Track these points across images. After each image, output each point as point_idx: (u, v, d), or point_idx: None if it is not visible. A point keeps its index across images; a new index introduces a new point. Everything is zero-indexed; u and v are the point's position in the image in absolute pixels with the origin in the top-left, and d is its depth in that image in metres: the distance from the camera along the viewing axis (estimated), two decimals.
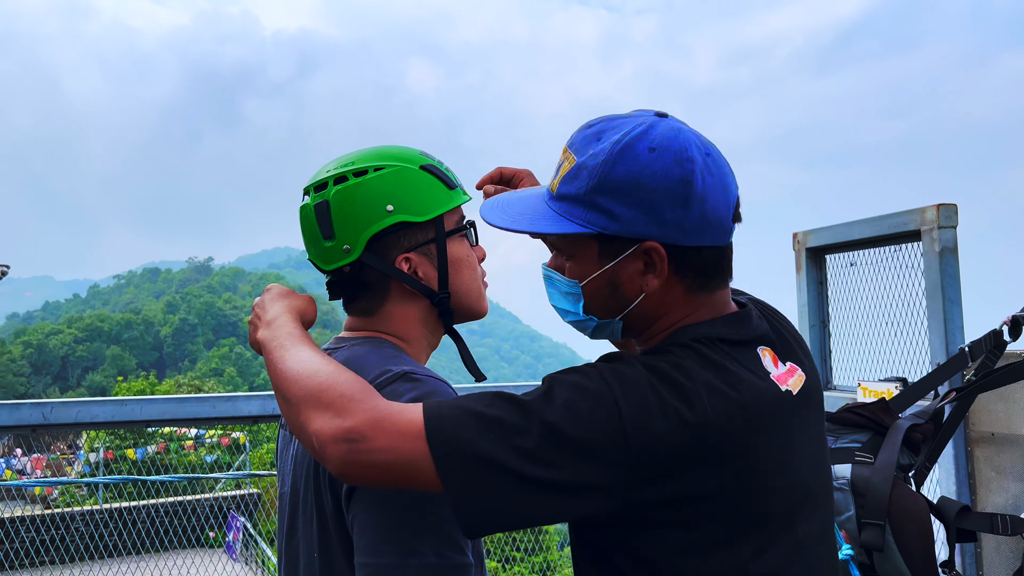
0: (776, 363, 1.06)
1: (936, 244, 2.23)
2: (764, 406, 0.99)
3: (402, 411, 0.95)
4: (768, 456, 0.98)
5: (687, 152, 1.00)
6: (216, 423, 2.22)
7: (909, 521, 1.66)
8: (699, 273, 1.04)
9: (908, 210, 2.33)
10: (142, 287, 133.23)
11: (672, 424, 0.93)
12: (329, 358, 1.07)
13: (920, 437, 1.77)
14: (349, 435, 0.94)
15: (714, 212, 1.01)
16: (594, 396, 0.94)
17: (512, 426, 0.92)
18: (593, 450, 0.92)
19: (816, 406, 1.11)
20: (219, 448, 14.15)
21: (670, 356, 1.00)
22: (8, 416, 1.96)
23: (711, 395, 0.95)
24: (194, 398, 2.16)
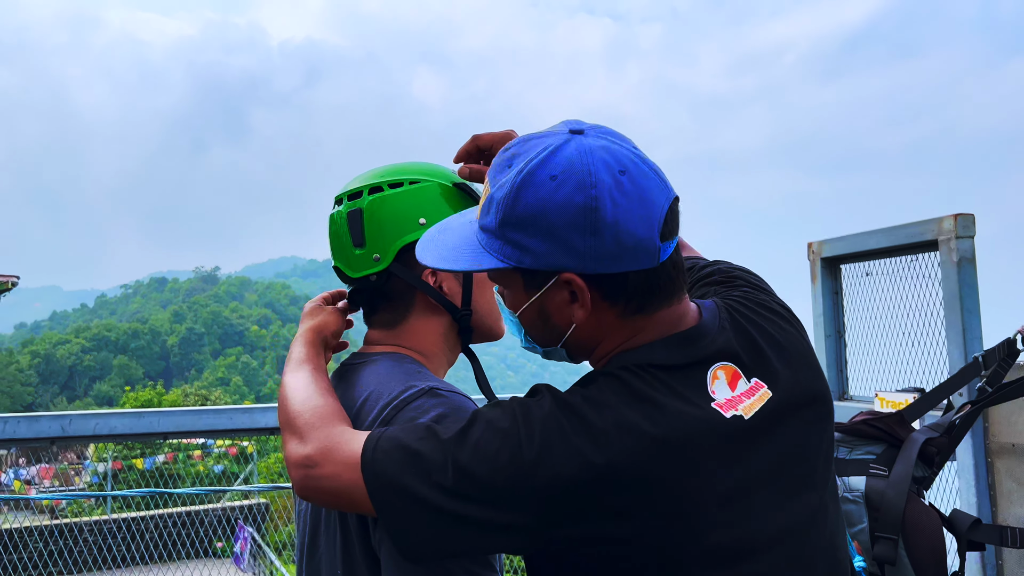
0: (733, 383, 0.98)
1: (954, 254, 2.23)
2: (692, 439, 0.92)
3: (349, 440, 1.00)
4: (702, 500, 0.91)
5: (592, 176, 0.93)
6: (233, 435, 2.22)
7: (923, 536, 1.64)
8: (630, 298, 0.98)
9: (925, 220, 2.33)
10: (149, 297, 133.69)
11: (575, 465, 0.89)
12: (319, 382, 1.13)
13: (935, 451, 1.76)
14: (305, 461, 1.01)
15: (631, 236, 0.94)
16: (502, 436, 0.93)
17: (432, 463, 0.93)
18: (499, 491, 0.91)
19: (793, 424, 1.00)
20: (227, 458, 14.15)
21: (591, 387, 0.96)
22: (27, 428, 1.96)
23: (621, 433, 0.91)
24: (211, 410, 2.17)
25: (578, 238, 0.94)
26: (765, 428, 0.97)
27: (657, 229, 0.95)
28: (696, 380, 0.97)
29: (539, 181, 0.95)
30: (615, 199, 0.93)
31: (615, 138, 0.99)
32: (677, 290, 1.01)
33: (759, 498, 0.95)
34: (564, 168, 0.95)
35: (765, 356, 1.03)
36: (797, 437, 1.01)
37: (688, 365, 0.98)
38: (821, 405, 1.05)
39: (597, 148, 0.96)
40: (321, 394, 1.11)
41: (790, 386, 1.02)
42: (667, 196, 0.97)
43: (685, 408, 0.94)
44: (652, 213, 0.95)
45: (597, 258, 0.94)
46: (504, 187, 0.97)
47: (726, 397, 0.96)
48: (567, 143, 0.97)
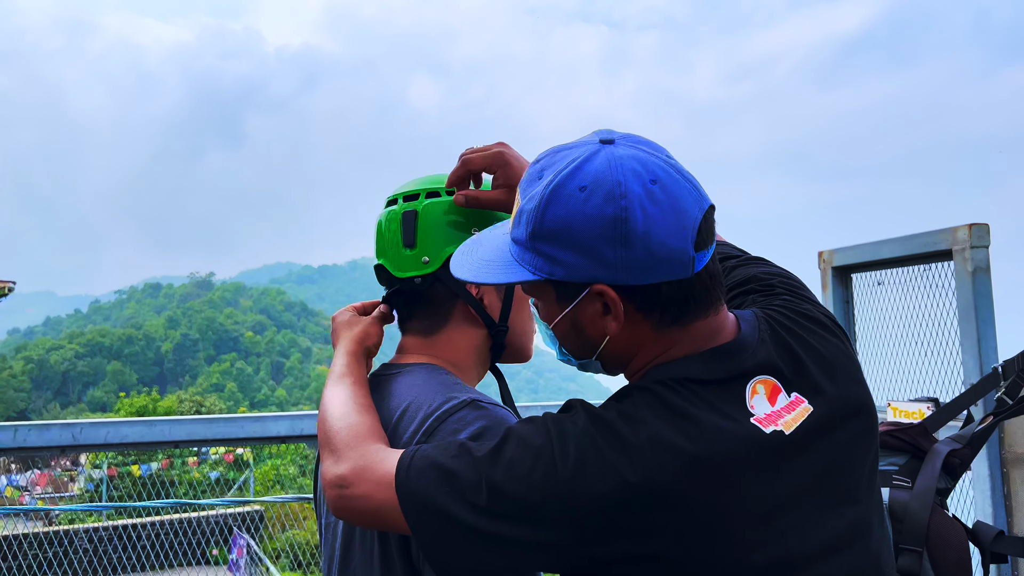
0: (773, 397, 0.96)
1: (968, 264, 2.23)
2: (731, 456, 0.90)
3: (383, 460, 1.00)
4: (741, 517, 0.90)
5: (622, 186, 0.92)
6: (245, 443, 2.21)
7: (947, 548, 1.63)
8: (664, 310, 0.97)
9: (939, 230, 2.33)
10: (143, 302, 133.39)
11: (611, 483, 0.88)
12: (358, 398, 1.13)
13: (958, 462, 1.75)
14: (339, 481, 1.02)
15: (663, 246, 0.92)
16: (535, 453, 0.92)
17: (466, 481, 0.93)
18: (534, 510, 0.90)
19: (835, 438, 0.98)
20: (223, 464, 14.08)
21: (625, 403, 0.95)
22: (38, 437, 1.95)
23: (657, 449, 0.89)
24: (223, 418, 2.16)
25: (609, 249, 0.93)
26: (807, 443, 0.95)
27: (691, 239, 0.93)
28: (734, 395, 0.95)
29: (568, 192, 0.94)
30: (646, 209, 0.92)
31: (647, 147, 0.97)
32: (713, 301, 0.99)
33: (800, 514, 0.93)
34: (593, 179, 0.93)
35: (807, 369, 1.00)
36: (840, 451, 0.99)
37: (726, 380, 0.96)
38: (866, 418, 1.03)
39: (627, 158, 0.94)
40: (359, 411, 1.11)
41: (833, 400, 1.00)
42: (701, 205, 0.95)
43: (723, 424, 0.92)
44: (685, 223, 0.93)
45: (629, 269, 0.93)
46: (533, 199, 0.96)
47: (765, 412, 0.95)
48: (596, 153, 0.95)
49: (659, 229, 0.92)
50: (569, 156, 0.96)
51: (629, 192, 0.92)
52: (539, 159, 1.00)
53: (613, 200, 0.92)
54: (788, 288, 1.15)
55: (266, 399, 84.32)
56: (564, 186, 0.94)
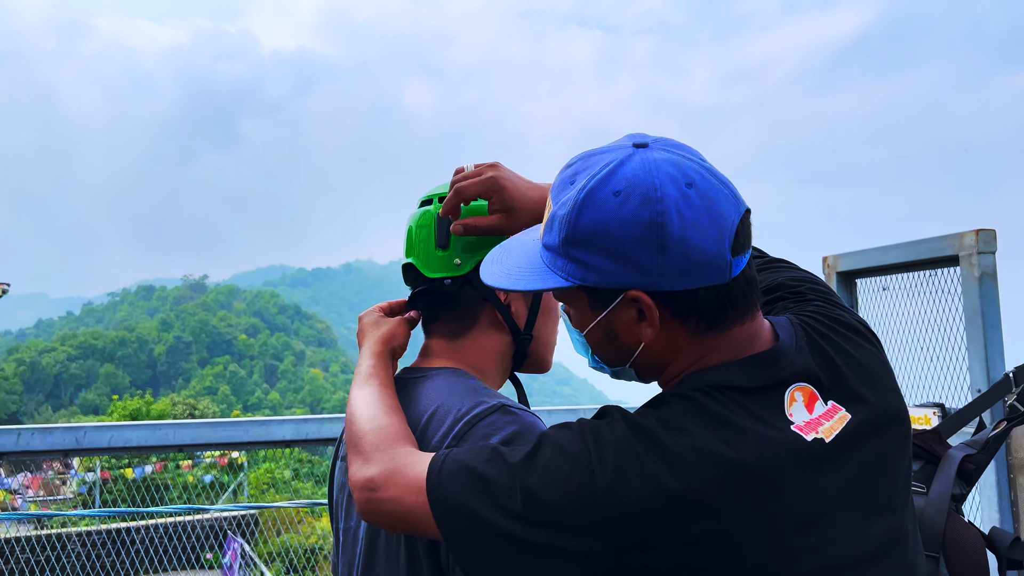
0: (811, 405, 0.95)
1: (975, 269, 2.23)
2: (775, 464, 0.88)
3: (414, 463, 0.98)
4: (784, 526, 0.88)
5: (658, 191, 0.90)
6: (250, 448, 2.19)
7: (964, 554, 1.62)
8: (700, 315, 0.95)
9: (945, 235, 2.32)
10: (136, 305, 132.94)
11: (650, 491, 0.86)
12: (385, 399, 1.12)
13: (973, 467, 1.74)
14: (368, 484, 1.00)
15: (700, 251, 0.90)
16: (572, 460, 0.90)
17: (499, 487, 0.91)
18: (570, 518, 0.88)
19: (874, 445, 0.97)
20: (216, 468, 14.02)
21: (664, 410, 0.93)
22: (41, 441, 1.92)
23: (700, 458, 0.87)
24: (227, 422, 2.14)
25: (645, 255, 0.91)
26: (846, 451, 0.94)
27: (728, 243, 0.91)
28: (774, 403, 0.93)
29: (602, 197, 0.92)
30: (682, 213, 0.90)
31: (682, 150, 0.95)
32: (750, 306, 0.98)
33: (839, 523, 0.91)
34: (628, 183, 0.91)
35: (844, 377, 0.99)
36: (878, 459, 0.97)
37: (765, 387, 0.94)
38: (900, 425, 1.01)
39: (662, 161, 0.93)
40: (387, 412, 1.10)
41: (872, 408, 0.98)
42: (738, 209, 0.93)
43: (766, 432, 0.90)
44: (722, 227, 0.91)
45: (665, 275, 0.91)
46: (566, 204, 0.94)
47: (804, 420, 0.93)
48: (630, 157, 0.94)
49: (696, 233, 0.90)
50: (602, 160, 0.95)
51: (665, 196, 0.90)
52: (570, 164, 0.98)
53: (649, 204, 0.90)
54: (818, 294, 1.14)
55: (259, 402, 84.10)
56: (598, 191, 0.92)
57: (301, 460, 16.43)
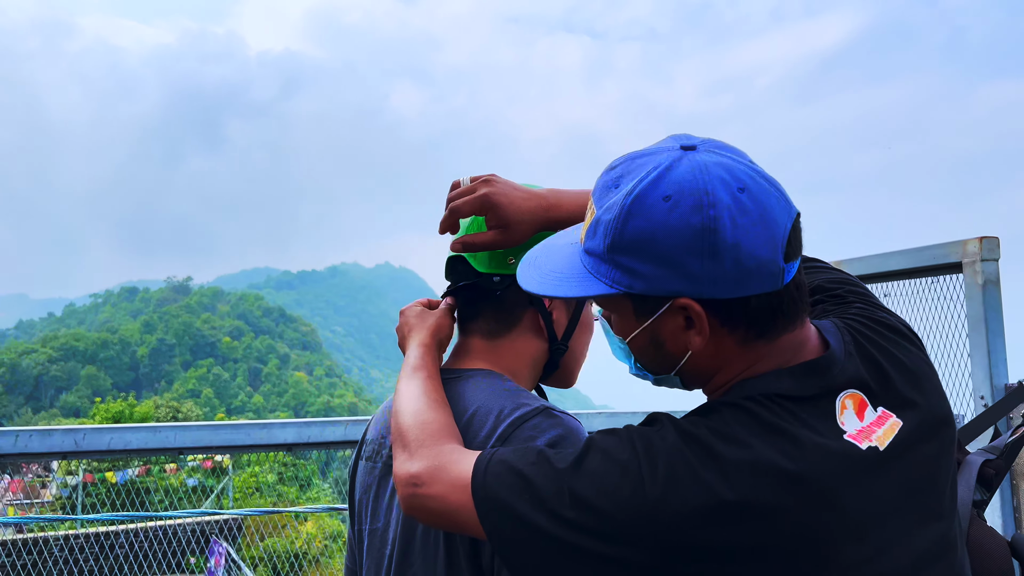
0: (861, 413, 0.92)
1: (979, 276, 2.24)
2: (831, 474, 0.86)
3: (458, 461, 0.97)
4: (840, 536, 0.85)
5: (710, 195, 0.87)
6: (252, 451, 2.16)
7: (990, 559, 1.60)
8: (751, 324, 0.91)
9: (948, 242, 2.33)
10: (119, 306, 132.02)
11: (704, 502, 0.83)
12: (432, 394, 1.10)
13: (993, 472, 1.74)
14: (412, 480, 0.99)
15: (752, 258, 0.87)
16: (622, 469, 0.87)
17: (545, 490, 0.89)
18: (620, 527, 0.85)
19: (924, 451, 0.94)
20: (201, 471, 13.91)
21: (715, 418, 0.89)
22: (40, 443, 1.88)
23: (755, 468, 0.84)
24: (229, 425, 2.11)
25: (695, 262, 0.87)
26: (899, 458, 0.91)
27: (781, 249, 0.88)
28: (826, 411, 0.91)
29: (651, 203, 0.88)
30: (735, 219, 0.87)
31: (730, 153, 0.92)
32: (800, 313, 0.95)
33: (892, 532, 0.89)
34: (678, 187, 0.88)
35: (893, 382, 0.96)
36: (928, 466, 0.95)
37: (817, 396, 0.92)
38: (948, 430, 0.99)
39: (713, 164, 0.89)
40: (433, 406, 1.08)
41: (922, 413, 0.96)
42: (789, 213, 0.90)
43: (820, 441, 0.87)
44: (775, 233, 0.88)
45: (715, 282, 0.88)
46: (612, 209, 0.91)
47: (856, 428, 0.90)
48: (679, 160, 0.90)
49: (749, 240, 0.87)
50: (650, 163, 0.91)
51: (718, 202, 0.87)
52: (614, 166, 0.95)
53: (701, 210, 0.87)
54: (859, 296, 1.11)
55: (243, 405, 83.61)
56: (647, 196, 0.89)
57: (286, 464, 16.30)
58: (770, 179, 0.92)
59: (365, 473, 1.26)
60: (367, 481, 1.25)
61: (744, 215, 0.87)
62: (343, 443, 2.20)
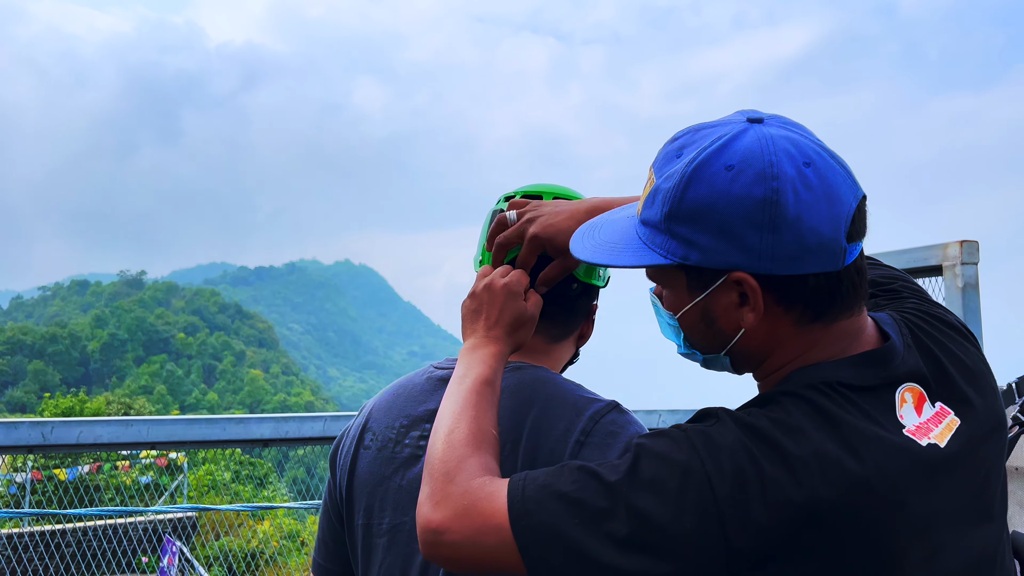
0: (919, 407, 0.89)
1: (959, 280, 2.26)
2: (898, 471, 0.83)
3: (489, 495, 0.88)
4: (904, 535, 0.83)
5: (774, 167, 0.85)
6: (226, 446, 2.10)
7: None
8: (808, 304, 0.88)
9: (929, 245, 2.36)
10: (69, 300, 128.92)
11: (772, 500, 0.80)
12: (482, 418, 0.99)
13: None
14: (436, 529, 0.89)
15: (814, 234, 0.84)
16: (683, 471, 0.82)
17: (599, 510, 0.82)
18: (687, 534, 0.80)
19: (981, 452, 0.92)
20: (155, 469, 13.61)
21: (776, 410, 0.85)
22: (5, 436, 1.78)
23: (824, 465, 0.81)
24: (203, 419, 2.03)
25: (754, 235, 0.85)
26: (959, 458, 0.88)
27: (844, 228, 0.86)
28: (886, 404, 0.87)
29: (713, 171, 0.86)
30: (798, 193, 0.84)
31: (798, 129, 0.90)
32: (859, 299, 0.91)
33: (948, 533, 0.87)
34: (742, 157, 0.86)
35: (952, 379, 0.93)
36: (984, 466, 0.92)
37: (878, 387, 0.88)
38: (1002, 432, 0.96)
39: (779, 138, 0.87)
40: (474, 436, 0.96)
41: (977, 411, 0.92)
42: (856, 194, 0.88)
43: (885, 436, 0.84)
44: (839, 211, 0.85)
45: (774, 257, 0.85)
46: (672, 178, 0.88)
47: (915, 423, 0.87)
48: (745, 132, 0.88)
49: (812, 215, 0.84)
50: (715, 134, 0.89)
51: (781, 173, 0.84)
52: (677, 137, 0.93)
53: (764, 181, 0.84)
54: (913, 292, 1.08)
55: (197, 402, 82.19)
56: (709, 164, 0.86)
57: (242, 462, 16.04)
58: (837, 157, 0.89)
59: (376, 463, 1.16)
60: (381, 472, 1.15)
61: (808, 190, 0.85)
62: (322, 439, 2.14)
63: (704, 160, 0.87)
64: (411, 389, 1.18)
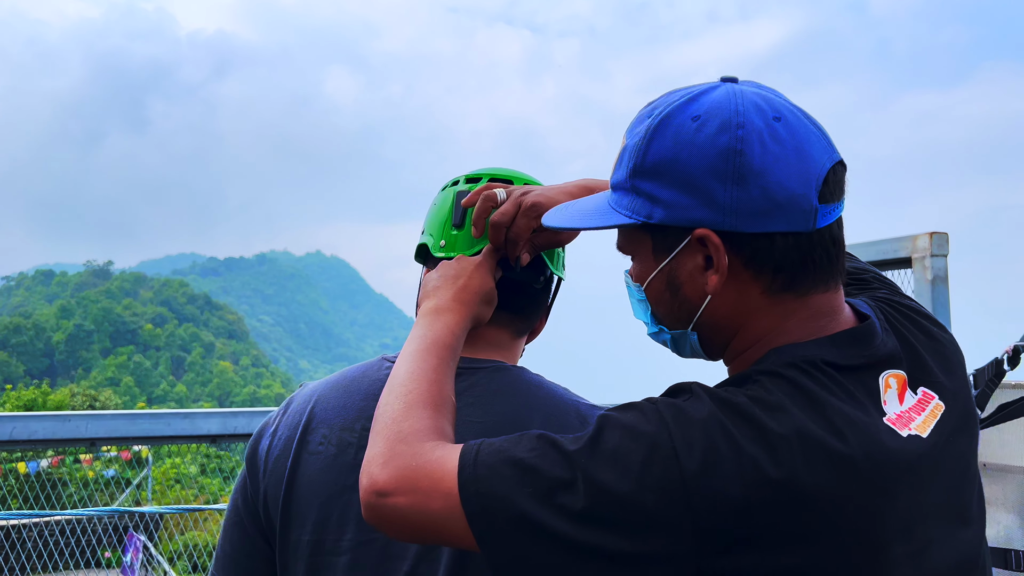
0: (902, 395, 0.83)
1: (928, 272, 2.24)
2: (885, 458, 0.77)
3: (439, 458, 0.81)
4: (891, 527, 0.77)
5: (740, 116, 0.81)
6: (172, 442, 2.00)
7: None
8: (778, 269, 0.83)
9: (899, 237, 2.34)
10: (34, 290, 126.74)
11: (748, 480, 0.73)
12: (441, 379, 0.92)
13: None
14: (380, 487, 0.82)
15: (782, 189, 0.79)
16: (648, 444, 0.75)
17: (555, 480, 0.76)
18: (647, 513, 0.74)
19: (959, 444, 0.86)
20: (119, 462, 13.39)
21: (754, 388, 0.79)
22: None
23: (807, 445, 0.75)
24: (147, 414, 1.94)
25: (718, 187, 0.80)
26: (941, 450, 0.83)
27: (815, 187, 0.81)
28: (870, 388, 0.82)
29: (679, 122, 0.83)
30: (765, 144, 0.80)
31: (774, 91, 0.86)
32: (835, 273, 0.86)
33: (931, 531, 0.81)
34: (708, 108, 0.82)
35: (928, 366, 0.88)
36: (961, 461, 0.86)
37: (861, 368, 0.82)
38: (976, 424, 0.91)
39: (751, 93, 0.84)
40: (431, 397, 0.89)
41: (957, 402, 0.87)
42: (830, 156, 0.83)
43: (870, 421, 0.79)
44: (810, 168, 0.81)
45: (739, 212, 0.80)
46: (638, 134, 0.86)
47: (896, 412, 0.82)
48: (716, 87, 0.85)
49: (778, 168, 0.80)
50: (685, 91, 0.86)
51: (748, 123, 0.81)
52: (651, 101, 0.89)
53: (729, 129, 0.80)
54: (883, 283, 1.04)
55: (165, 394, 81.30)
56: (675, 116, 0.83)
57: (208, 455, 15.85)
58: (815, 120, 0.85)
59: (331, 471, 1.02)
60: (340, 481, 1.01)
61: (776, 143, 0.81)
62: None
63: (670, 112, 0.84)
64: (367, 385, 1.06)
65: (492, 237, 1.07)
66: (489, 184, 1.11)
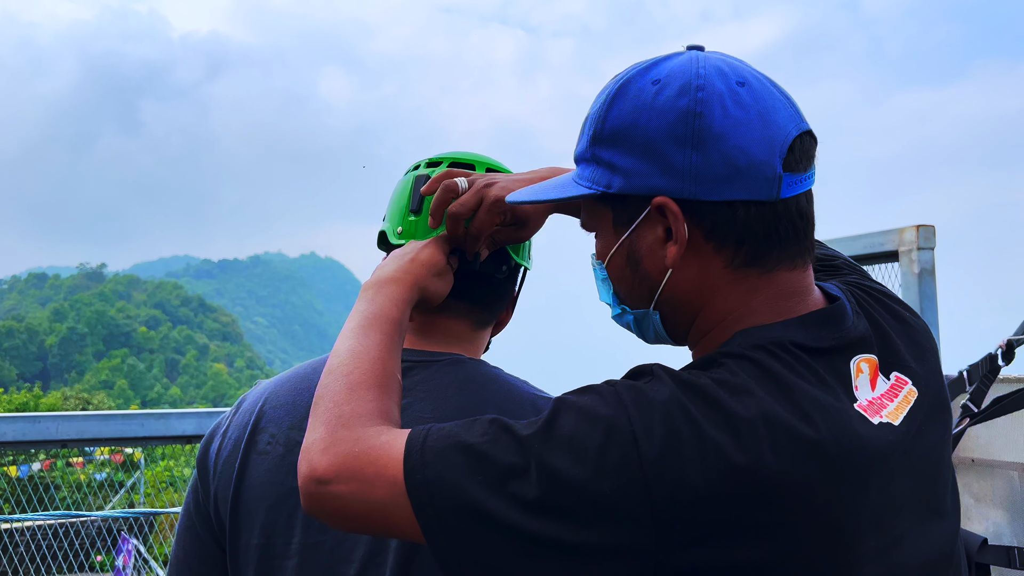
0: (874, 382, 0.79)
1: (915, 265, 2.22)
2: (858, 447, 0.73)
3: (385, 443, 0.77)
4: (862, 519, 0.73)
5: (701, 78, 0.78)
6: (146, 444, 1.96)
7: None
8: (741, 241, 0.78)
9: (885, 230, 2.32)
10: (26, 293, 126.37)
11: (711, 466, 0.69)
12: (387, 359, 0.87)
13: None
14: (320, 474, 0.77)
15: (743, 155, 0.76)
16: (606, 428, 0.71)
17: (507, 467, 0.72)
18: (604, 501, 0.69)
19: (932, 434, 0.82)
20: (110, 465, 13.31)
21: (719, 371, 0.75)
22: None
23: (773, 429, 0.70)
24: (119, 415, 1.89)
25: (677, 151, 0.77)
26: (913, 440, 0.79)
27: (779, 154, 0.77)
28: (841, 372, 0.78)
29: (638, 87, 0.80)
30: (726, 108, 0.77)
31: (742, 62, 0.83)
32: (803, 251, 0.81)
33: (903, 525, 0.77)
34: (669, 72, 0.80)
35: (899, 351, 0.84)
36: (933, 451, 0.82)
37: (832, 350, 0.78)
38: (948, 413, 0.87)
39: (715, 58, 0.81)
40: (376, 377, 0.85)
41: (927, 389, 0.83)
42: (797, 124, 0.80)
43: (841, 407, 0.74)
44: (774, 134, 0.77)
45: (699, 178, 0.77)
46: (598, 101, 0.83)
47: (868, 398, 0.78)
48: (680, 54, 0.82)
49: (740, 133, 0.76)
50: (650, 60, 0.84)
51: (709, 86, 0.77)
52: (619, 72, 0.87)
53: (688, 92, 0.77)
54: (853, 269, 1.01)
55: (159, 397, 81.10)
56: (635, 81, 0.81)
57: None
58: (783, 90, 0.82)
59: (278, 472, 0.98)
60: (287, 483, 0.97)
61: (739, 107, 0.78)
62: None
63: (631, 77, 0.82)
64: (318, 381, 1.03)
65: (450, 228, 1.01)
66: (450, 171, 1.05)
